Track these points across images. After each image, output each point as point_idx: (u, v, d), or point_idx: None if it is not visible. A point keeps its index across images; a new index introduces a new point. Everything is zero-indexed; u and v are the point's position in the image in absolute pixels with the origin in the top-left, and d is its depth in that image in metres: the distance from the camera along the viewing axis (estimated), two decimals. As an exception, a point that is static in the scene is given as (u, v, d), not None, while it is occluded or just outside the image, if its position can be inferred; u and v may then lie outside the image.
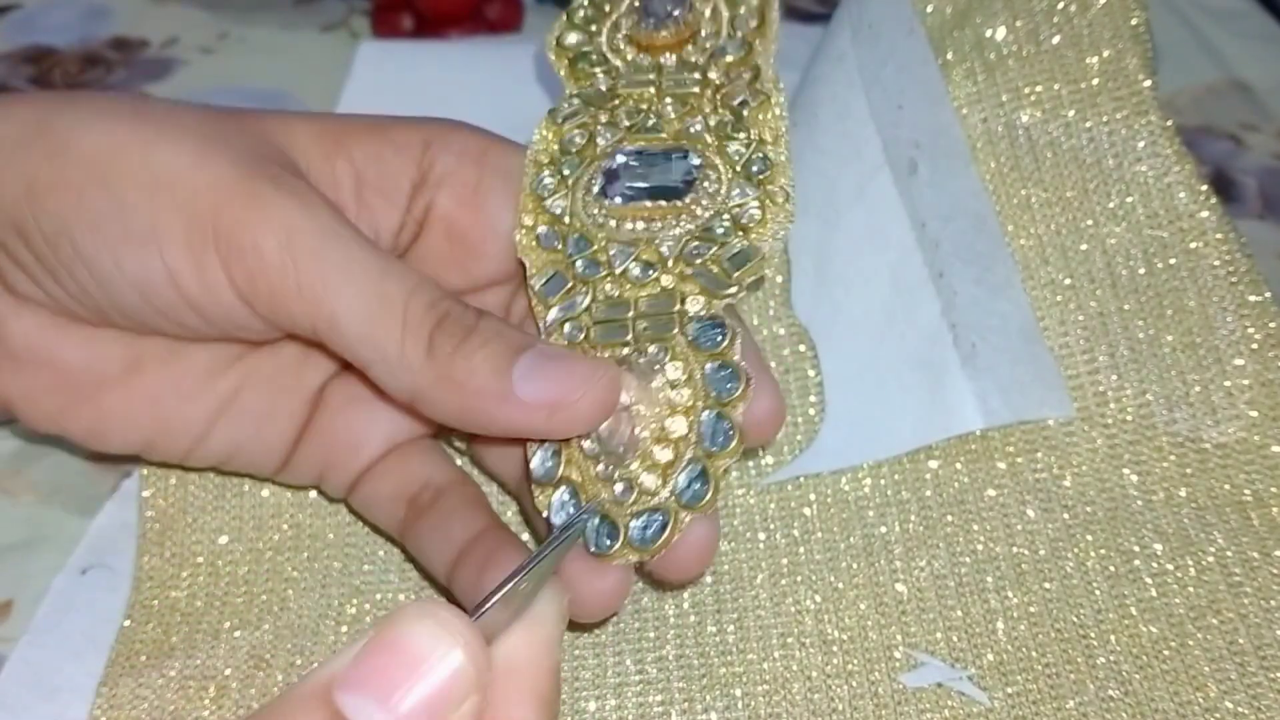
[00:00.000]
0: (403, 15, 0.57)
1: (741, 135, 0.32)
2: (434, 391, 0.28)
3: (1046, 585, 0.33)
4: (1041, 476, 0.36)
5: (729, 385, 0.28)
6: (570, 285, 0.31)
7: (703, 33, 0.35)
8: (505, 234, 0.32)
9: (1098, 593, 0.33)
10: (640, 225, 0.31)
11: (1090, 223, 0.38)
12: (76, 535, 0.36)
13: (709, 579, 0.34)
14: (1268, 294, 0.37)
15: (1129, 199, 0.38)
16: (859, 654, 0.32)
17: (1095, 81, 0.39)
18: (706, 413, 0.28)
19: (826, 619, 0.33)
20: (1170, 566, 0.34)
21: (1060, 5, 0.39)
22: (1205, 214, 0.37)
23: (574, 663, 0.33)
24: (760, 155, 0.32)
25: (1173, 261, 0.37)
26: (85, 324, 0.31)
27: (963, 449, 0.36)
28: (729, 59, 0.34)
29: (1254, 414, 0.36)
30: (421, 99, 0.51)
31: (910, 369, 0.37)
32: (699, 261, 0.30)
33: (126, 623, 0.34)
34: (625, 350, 0.29)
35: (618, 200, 0.32)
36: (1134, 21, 0.39)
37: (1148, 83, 0.38)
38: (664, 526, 0.28)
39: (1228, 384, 0.36)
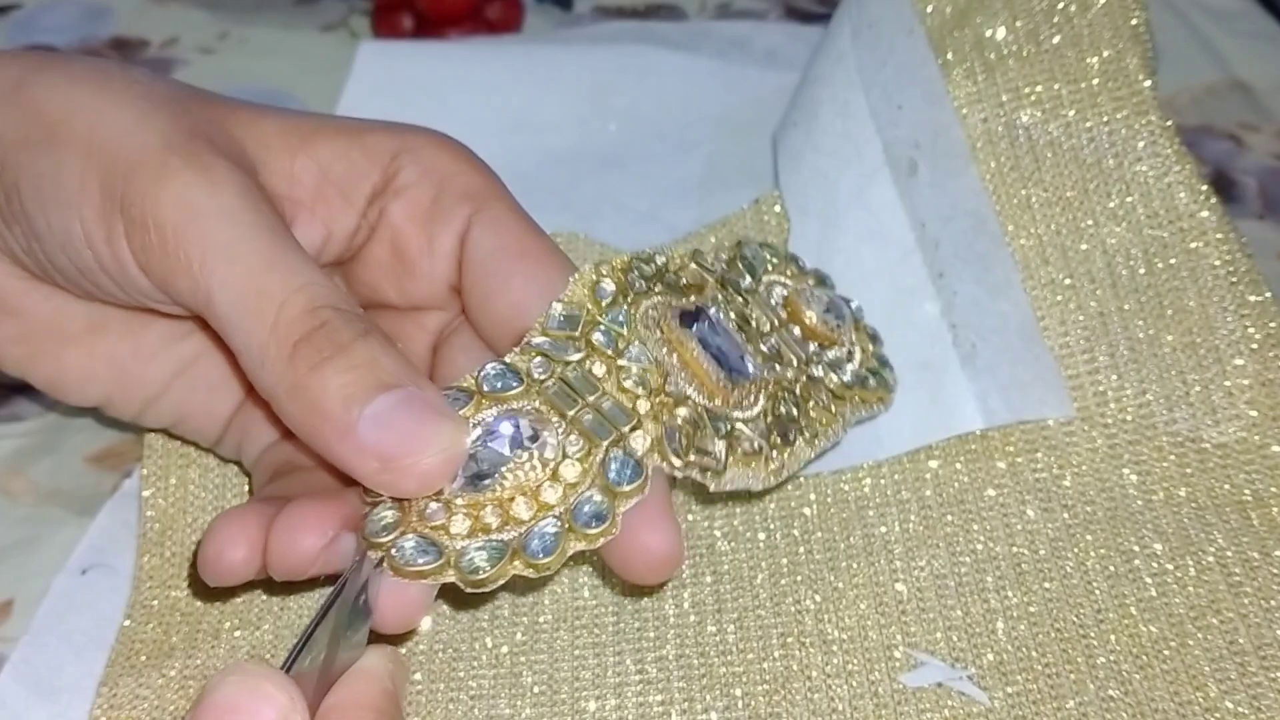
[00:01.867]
0: (403, 15, 0.57)
1: (785, 410, 0.32)
2: (285, 400, 0.27)
3: (1046, 585, 0.33)
4: (1041, 476, 0.36)
5: (626, 474, 0.27)
6: (579, 334, 0.30)
7: (837, 348, 0.35)
8: (443, 258, 0.32)
9: (1098, 592, 0.33)
10: (676, 360, 0.30)
11: (1090, 223, 0.38)
12: (76, 535, 0.36)
13: (709, 579, 0.34)
14: (1268, 294, 0.37)
15: (1129, 199, 0.38)
16: (859, 654, 0.32)
17: (1095, 81, 0.39)
18: (590, 491, 0.27)
19: (826, 618, 0.33)
20: (1170, 566, 0.34)
21: (1060, 5, 0.39)
22: (1205, 214, 0.37)
23: (574, 663, 0.33)
24: (791, 431, 0.31)
25: (1173, 261, 0.37)
26: (48, 282, 0.31)
27: (963, 449, 0.36)
28: (831, 379, 0.34)
29: (1254, 414, 0.36)
30: (422, 99, 0.52)
31: (910, 369, 0.37)
32: (679, 421, 0.29)
33: (126, 622, 0.34)
34: (553, 418, 0.28)
35: (683, 332, 0.31)
36: (1134, 21, 0.39)
37: (1148, 83, 0.38)
38: (556, 539, 0.27)
39: (1228, 384, 0.36)
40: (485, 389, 0.28)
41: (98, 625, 0.34)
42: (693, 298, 0.32)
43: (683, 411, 0.29)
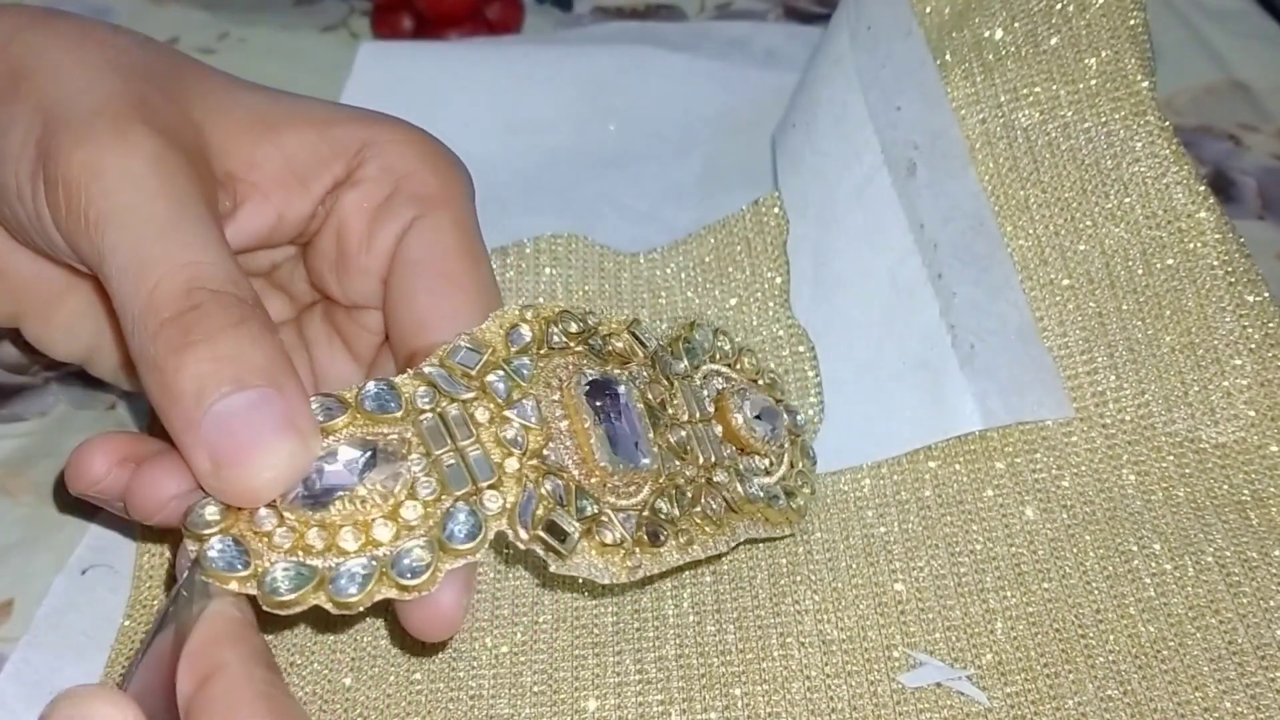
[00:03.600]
0: (403, 16, 0.57)
1: (664, 509, 0.30)
2: (146, 375, 0.27)
3: (1045, 585, 0.33)
4: (1040, 477, 0.36)
5: (464, 531, 0.27)
6: (475, 373, 0.29)
7: (757, 458, 0.34)
8: (379, 256, 0.31)
9: (1096, 592, 0.33)
10: (566, 427, 0.29)
11: (1089, 223, 0.38)
12: (76, 535, 0.36)
13: (709, 579, 0.34)
14: (1266, 294, 0.37)
15: (1127, 199, 0.38)
16: (858, 654, 0.32)
17: (1093, 82, 0.39)
18: (418, 540, 0.26)
19: (826, 619, 0.33)
20: (1169, 566, 0.34)
21: (1058, 6, 0.39)
22: (1204, 214, 0.37)
23: (574, 663, 0.33)
24: (663, 533, 0.30)
25: (1171, 262, 0.37)
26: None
27: (962, 449, 0.36)
28: (734, 488, 0.32)
29: (1252, 414, 0.36)
30: (421, 100, 0.52)
31: (909, 370, 0.37)
32: (541, 491, 0.28)
33: (126, 622, 0.34)
34: (416, 454, 0.27)
35: (583, 402, 0.29)
36: (1132, 22, 0.39)
37: (1146, 83, 0.38)
38: (366, 580, 0.26)
39: (1226, 384, 0.36)
40: (364, 406, 0.28)
41: (98, 625, 0.34)
42: (613, 368, 0.31)
43: (548, 484, 0.28)
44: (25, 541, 0.36)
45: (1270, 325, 0.36)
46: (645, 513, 0.30)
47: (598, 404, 0.30)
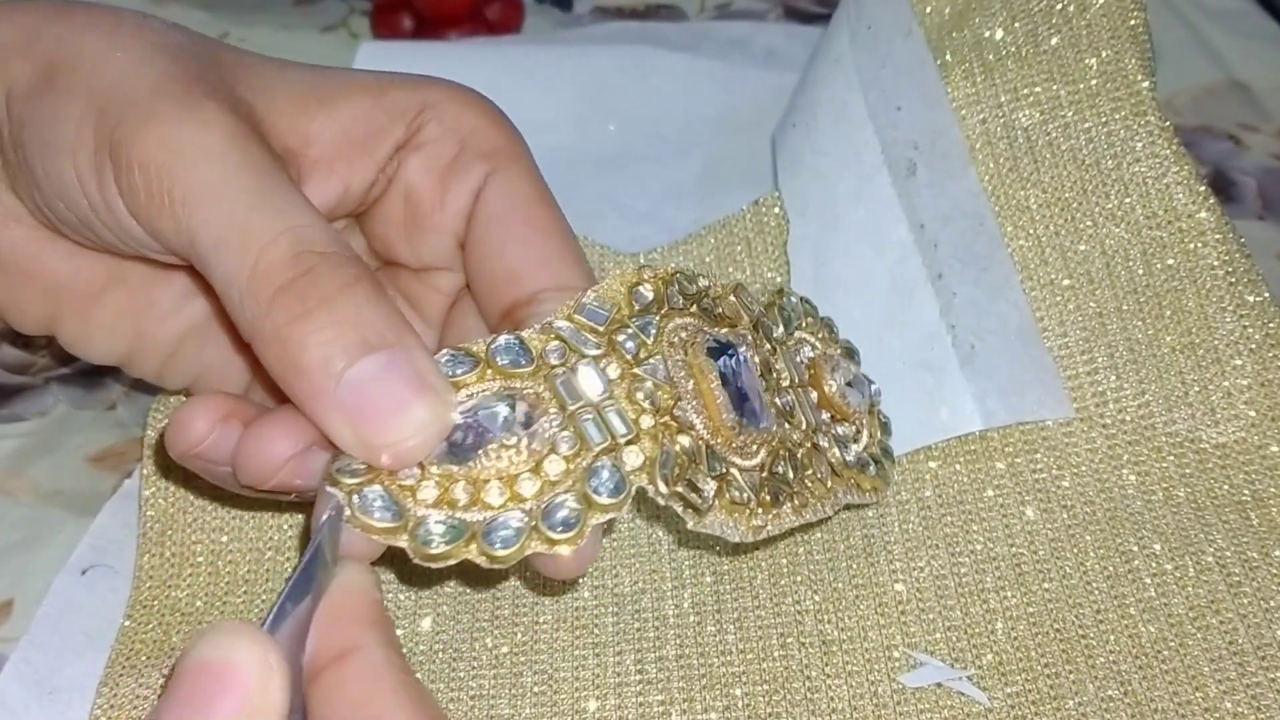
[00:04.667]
0: (402, 16, 0.57)
1: (781, 471, 0.30)
2: (263, 348, 0.26)
3: (1046, 585, 0.33)
4: (1041, 477, 0.36)
5: (609, 487, 0.26)
6: (603, 330, 0.28)
7: (847, 425, 0.34)
8: (455, 214, 0.31)
9: (1097, 593, 0.33)
10: (692, 387, 0.29)
11: (1089, 223, 0.38)
12: (76, 535, 0.36)
13: (709, 579, 0.34)
14: (1266, 294, 0.37)
15: (1127, 200, 0.38)
16: (858, 654, 0.32)
17: (1094, 82, 0.39)
18: (567, 495, 0.26)
19: (826, 619, 0.33)
20: (1169, 566, 0.34)
21: (1059, 6, 0.39)
22: (1204, 214, 0.37)
23: (574, 663, 0.33)
24: (782, 494, 0.30)
25: (1171, 262, 0.37)
26: (64, 240, 0.31)
27: (962, 449, 0.36)
28: (833, 454, 0.32)
29: (1253, 414, 0.36)
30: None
31: (909, 370, 0.37)
32: (678, 448, 0.28)
33: (126, 622, 0.34)
34: (553, 409, 0.27)
35: (707, 362, 0.29)
36: (1132, 22, 0.39)
37: (1146, 83, 0.38)
38: (519, 534, 0.26)
39: (1226, 384, 0.36)
40: (494, 360, 0.27)
41: (98, 625, 0.34)
42: (725, 330, 0.31)
43: (684, 440, 0.28)
44: (25, 541, 0.36)
45: (1270, 325, 0.36)
46: (764, 474, 0.30)
47: (720, 365, 0.30)
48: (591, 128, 0.51)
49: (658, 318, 0.29)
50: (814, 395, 0.33)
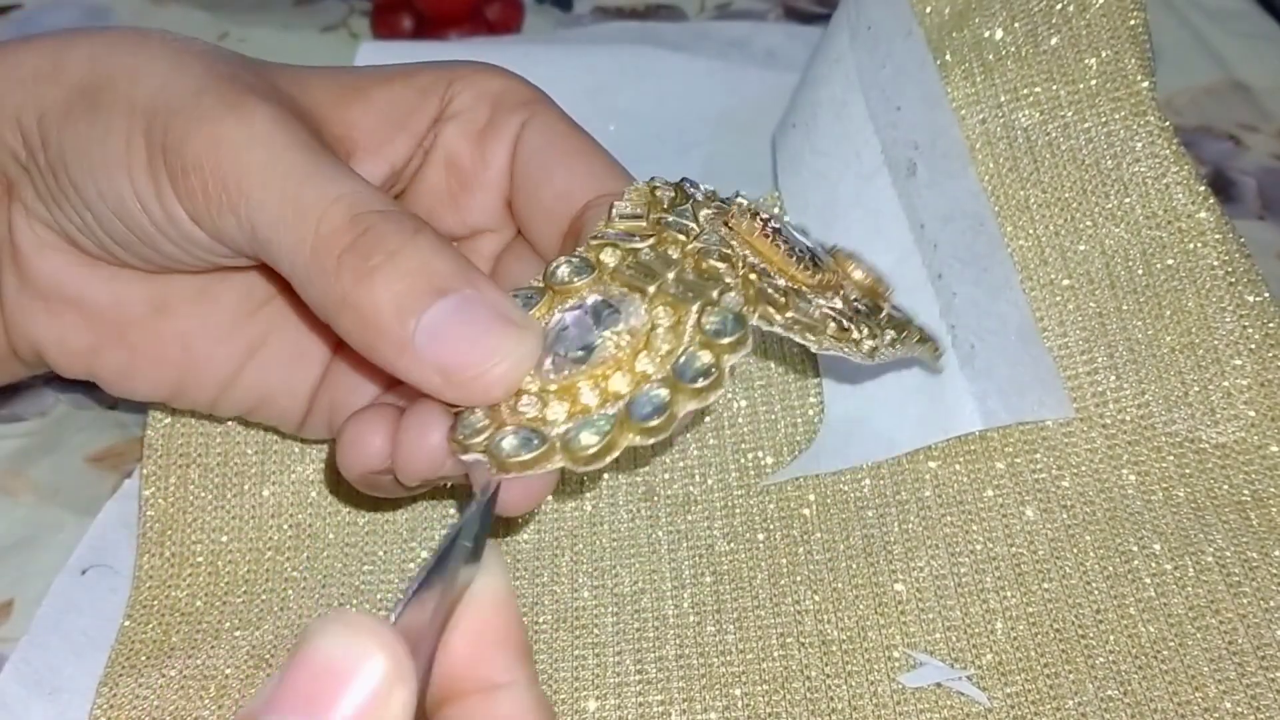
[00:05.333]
0: (402, 16, 0.57)
1: (862, 309, 0.30)
2: (339, 316, 0.26)
3: (1045, 585, 0.33)
4: (1040, 477, 0.36)
5: (728, 325, 0.26)
6: (647, 223, 0.28)
7: (844, 292, 0.31)
8: (497, 170, 0.32)
9: (1097, 593, 0.33)
10: (748, 254, 0.28)
11: (1089, 223, 0.38)
12: (76, 535, 0.36)
13: (709, 579, 0.34)
14: (1266, 294, 0.37)
15: (1127, 200, 0.38)
16: (858, 654, 0.32)
17: (1093, 82, 0.39)
18: (692, 348, 0.26)
19: (826, 619, 0.33)
20: (1169, 566, 0.34)
21: (1058, 6, 0.39)
22: (1204, 214, 0.37)
23: (574, 663, 0.33)
24: (872, 326, 0.29)
25: (1171, 262, 0.37)
26: (106, 264, 0.31)
27: (962, 449, 0.36)
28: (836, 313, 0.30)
29: (1252, 414, 0.36)
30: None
31: (909, 370, 0.37)
32: (769, 288, 0.27)
33: (126, 622, 0.34)
34: (635, 296, 0.27)
35: (754, 224, 0.29)
36: (1132, 22, 0.39)
37: (1146, 83, 0.38)
38: (607, 428, 0.25)
39: (1226, 384, 0.36)
40: (556, 283, 0.27)
41: (98, 625, 0.34)
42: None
43: (777, 279, 0.27)
44: (25, 541, 0.36)
45: (1270, 325, 0.36)
46: (851, 310, 0.29)
47: (769, 232, 0.29)
48: (591, 127, 0.51)
49: (690, 206, 0.29)
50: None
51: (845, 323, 0.28)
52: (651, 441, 0.25)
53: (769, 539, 0.35)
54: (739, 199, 0.30)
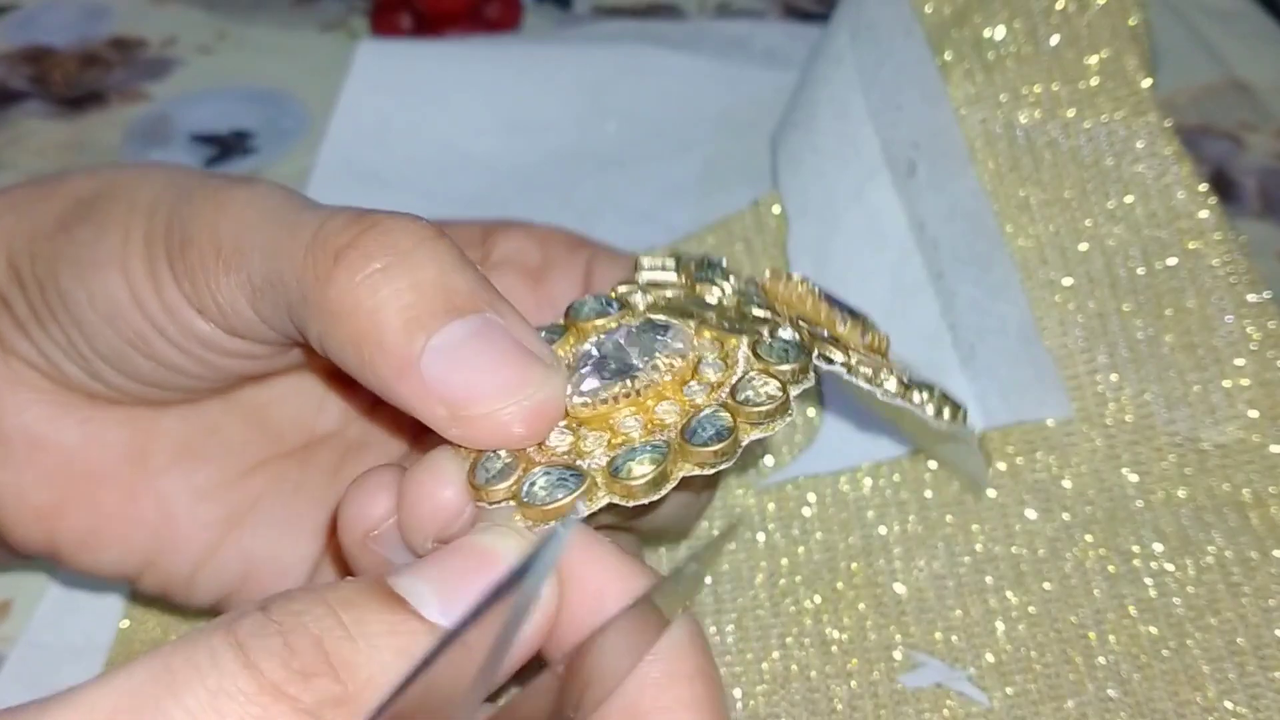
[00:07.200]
0: (401, 15, 0.57)
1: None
2: (334, 330, 0.22)
3: (1046, 585, 0.33)
4: (1041, 477, 0.36)
5: (790, 352, 0.24)
6: (679, 272, 0.27)
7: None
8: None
9: (1097, 593, 0.33)
10: (786, 312, 0.27)
11: (1089, 223, 0.38)
12: (76, 535, 0.36)
13: (708, 579, 0.34)
14: (1267, 294, 0.37)
15: (1128, 199, 0.38)
16: (859, 654, 0.32)
17: (1094, 81, 0.39)
18: (750, 374, 0.23)
19: (826, 619, 0.33)
20: (1169, 566, 0.34)
21: (1059, 5, 0.39)
22: (1204, 214, 0.37)
23: (573, 663, 0.33)
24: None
25: (1172, 262, 0.37)
26: (86, 401, 0.28)
27: (962, 449, 0.36)
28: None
29: (1253, 414, 0.36)
30: (420, 98, 0.52)
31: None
32: (825, 338, 0.26)
33: (126, 623, 0.34)
34: (674, 321, 0.25)
35: (788, 283, 0.28)
36: (1132, 21, 0.39)
37: (1146, 82, 0.38)
38: (661, 456, 0.22)
39: (1227, 384, 0.36)
40: (580, 319, 0.25)
41: (97, 625, 0.34)
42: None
43: (819, 330, 0.26)
44: (24, 541, 0.36)
45: (1271, 325, 0.36)
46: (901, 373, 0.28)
47: (814, 290, 0.28)
48: (591, 127, 0.51)
49: (718, 269, 0.28)
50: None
51: (906, 379, 0.27)
52: (710, 471, 0.22)
53: (769, 539, 0.35)
54: (766, 271, 0.29)
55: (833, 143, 0.41)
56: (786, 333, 0.25)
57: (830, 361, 0.25)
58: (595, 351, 0.24)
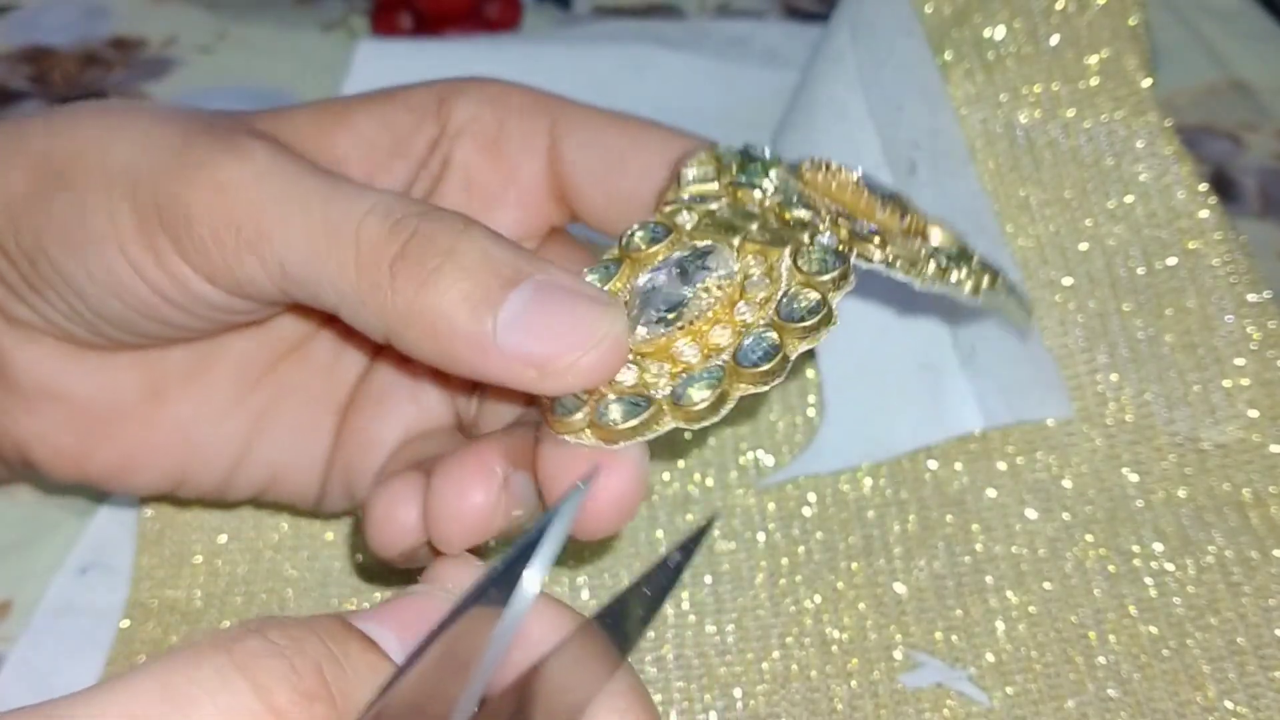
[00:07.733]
0: (401, 14, 0.57)
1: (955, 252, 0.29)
2: (405, 331, 0.24)
3: (1046, 585, 0.33)
4: (1041, 477, 0.36)
5: (829, 262, 0.25)
6: (720, 184, 0.27)
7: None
8: (525, 182, 0.30)
9: (1097, 592, 0.33)
10: (831, 205, 0.27)
11: (1089, 223, 0.38)
12: (76, 535, 0.36)
13: (708, 579, 0.34)
14: (1267, 294, 0.37)
15: (1128, 199, 0.38)
16: (859, 654, 0.32)
17: (1094, 81, 0.39)
18: (793, 288, 0.25)
19: (826, 619, 0.33)
20: (1170, 566, 0.34)
21: (1059, 5, 0.39)
22: (1204, 214, 0.37)
23: (573, 663, 0.33)
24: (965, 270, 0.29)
25: (1172, 261, 0.37)
26: (94, 351, 0.29)
27: (962, 449, 0.36)
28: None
29: (1253, 414, 0.36)
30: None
31: (910, 370, 0.37)
32: (863, 232, 0.26)
33: (125, 622, 0.34)
34: (719, 247, 0.26)
35: (830, 172, 0.28)
36: (1132, 21, 0.39)
37: (1146, 82, 0.38)
38: (718, 379, 0.24)
39: (1227, 384, 0.36)
40: (633, 251, 0.26)
41: (97, 625, 0.34)
42: None
43: (864, 221, 0.27)
44: (25, 541, 0.36)
45: (1271, 325, 0.36)
46: (939, 251, 0.28)
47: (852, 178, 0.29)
48: (591, 126, 0.51)
49: (758, 165, 0.28)
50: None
51: (945, 261, 0.28)
52: (766, 389, 0.24)
53: (769, 539, 0.35)
54: (807, 159, 0.30)
55: (833, 142, 0.41)
56: (826, 237, 0.26)
57: (869, 260, 0.26)
58: (648, 286, 0.26)
